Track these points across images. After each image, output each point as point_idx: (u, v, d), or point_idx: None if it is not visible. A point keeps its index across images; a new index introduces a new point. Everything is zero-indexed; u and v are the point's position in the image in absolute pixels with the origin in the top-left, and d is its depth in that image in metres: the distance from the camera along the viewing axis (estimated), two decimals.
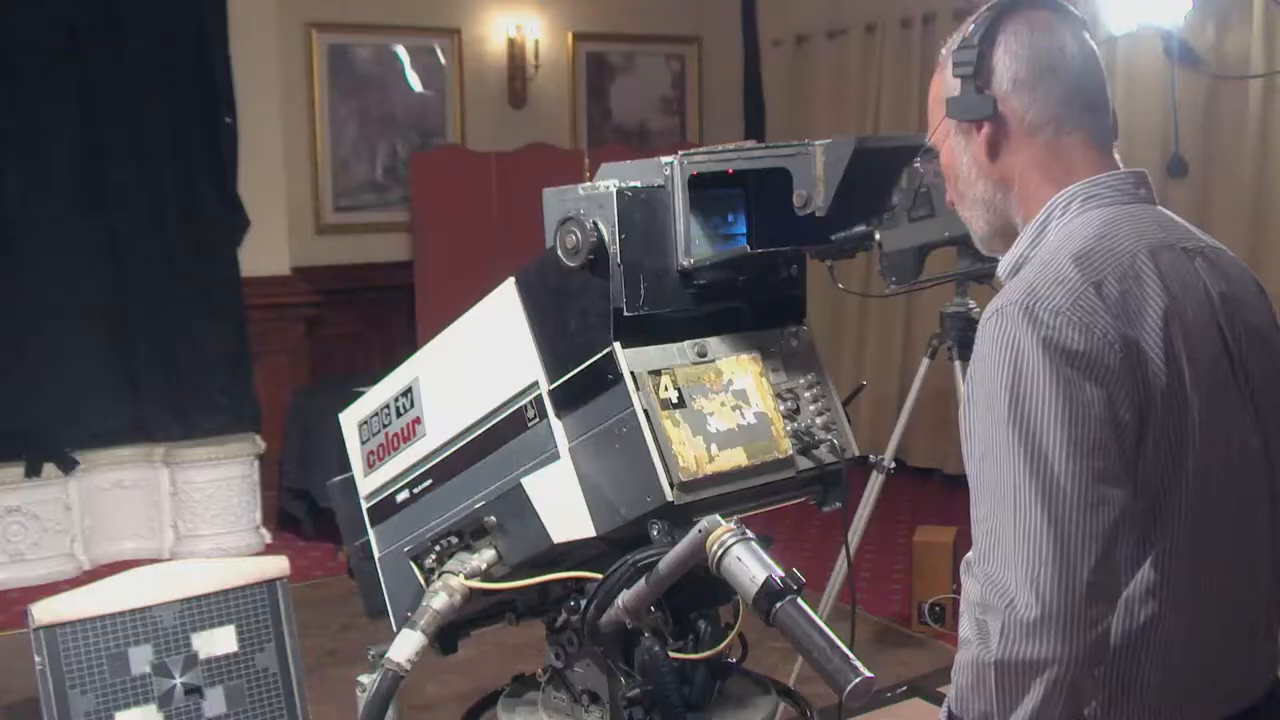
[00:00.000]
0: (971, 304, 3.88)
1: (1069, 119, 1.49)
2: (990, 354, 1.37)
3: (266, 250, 6.21)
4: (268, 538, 6.03)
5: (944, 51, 1.55)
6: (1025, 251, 1.50)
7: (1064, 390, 1.32)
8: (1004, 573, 1.31)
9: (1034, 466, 1.31)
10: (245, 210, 6.11)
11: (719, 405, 1.77)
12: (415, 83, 7.05)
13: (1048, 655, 1.28)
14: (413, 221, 6.90)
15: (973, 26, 1.51)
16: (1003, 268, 1.53)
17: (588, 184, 1.76)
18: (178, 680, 2.27)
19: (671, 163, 1.75)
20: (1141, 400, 1.35)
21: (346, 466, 2.14)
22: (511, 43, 7.24)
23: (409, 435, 2.00)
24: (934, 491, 6.53)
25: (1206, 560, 1.42)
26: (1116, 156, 1.54)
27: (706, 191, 1.80)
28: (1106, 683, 1.41)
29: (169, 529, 5.87)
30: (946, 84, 1.53)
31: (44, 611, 2.20)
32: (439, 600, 1.84)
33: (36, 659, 2.18)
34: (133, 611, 2.26)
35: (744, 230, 1.89)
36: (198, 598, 2.31)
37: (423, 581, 1.94)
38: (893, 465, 3.95)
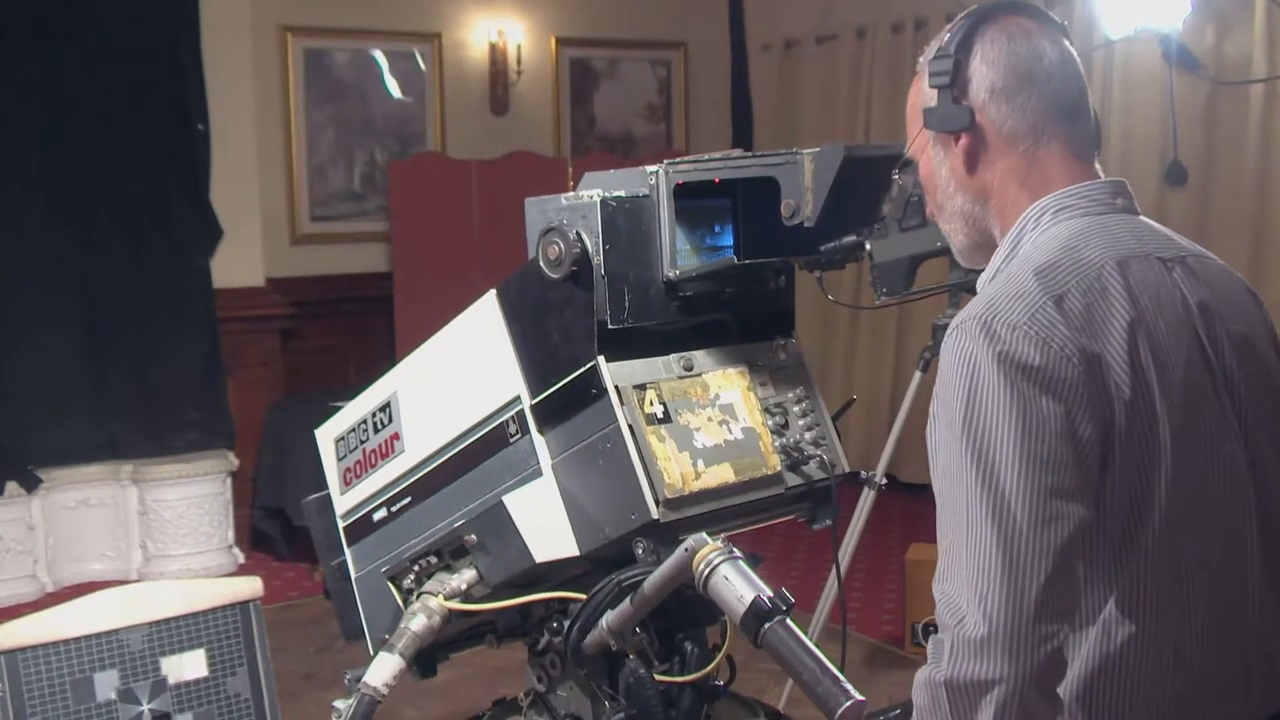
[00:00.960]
0: None
1: (1048, 128, 1.49)
2: (949, 370, 1.38)
3: (240, 261, 6.20)
4: (240, 558, 6.01)
5: (921, 60, 1.56)
6: (1001, 265, 1.50)
7: (1018, 405, 1.33)
8: (958, 591, 1.33)
9: (985, 483, 1.32)
10: (218, 220, 6.10)
11: (706, 420, 1.77)
12: (394, 89, 7.06)
13: (994, 674, 1.29)
14: (391, 231, 6.90)
15: (948, 35, 1.52)
16: (982, 281, 1.54)
17: (571, 193, 1.77)
18: (145, 707, 2.26)
19: (656, 172, 1.76)
20: (1104, 415, 1.36)
21: (322, 484, 2.14)
22: (493, 48, 7.25)
23: (387, 452, 2.00)
24: (927, 508, 6.50)
25: (1187, 581, 1.42)
26: (1097, 166, 1.54)
27: (692, 201, 1.81)
28: (1084, 708, 1.41)
29: (137, 549, 5.85)
30: (923, 94, 1.54)
31: (4, 636, 2.19)
32: (417, 622, 1.84)
33: None
34: (98, 635, 2.24)
35: (731, 241, 1.89)
36: (166, 620, 2.30)
37: (401, 603, 1.94)
38: (884, 481, 3.96)
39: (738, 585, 1.55)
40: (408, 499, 1.97)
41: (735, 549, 1.59)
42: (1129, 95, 5.80)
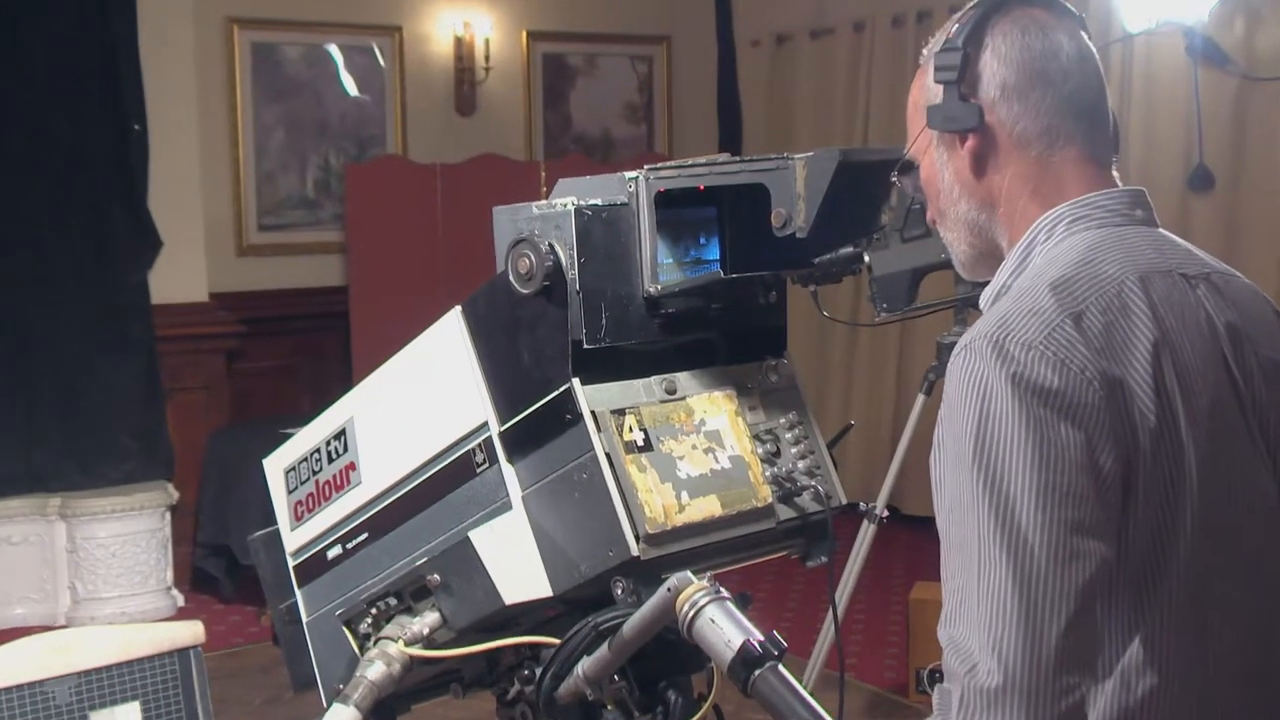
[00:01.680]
0: None
1: (1063, 131, 1.50)
2: (957, 394, 1.37)
3: (181, 274, 6.19)
4: (180, 600, 5.98)
5: (925, 53, 1.56)
6: (1007, 280, 1.50)
7: (1035, 432, 1.32)
8: (968, 636, 1.31)
9: (1000, 516, 1.31)
10: (157, 229, 6.09)
11: (690, 448, 1.78)
12: (350, 86, 7.07)
13: None
14: (347, 242, 6.90)
15: (956, 26, 1.52)
16: (985, 297, 1.54)
17: (543, 201, 1.77)
18: None
19: (636, 178, 1.76)
20: (1127, 445, 1.35)
21: (271, 519, 2.13)
22: (459, 42, 7.27)
23: (342, 483, 1.99)
24: (932, 543, 6.52)
25: (1214, 626, 1.42)
26: (1115, 174, 1.55)
27: (675, 210, 1.81)
28: None
29: (65, 591, 5.81)
30: (927, 90, 1.54)
31: None
32: (375, 670, 1.83)
33: None
34: (20, 687, 2.23)
35: (717, 254, 1.90)
36: (97, 670, 2.29)
37: (357, 649, 1.93)
38: (885, 514, 3.96)
39: (725, 628, 1.55)
40: (365, 535, 1.96)
41: (722, 589, 1.59)
42: (1150, 94, 5.84)
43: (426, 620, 1.85)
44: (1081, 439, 1.33)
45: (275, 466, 2.12)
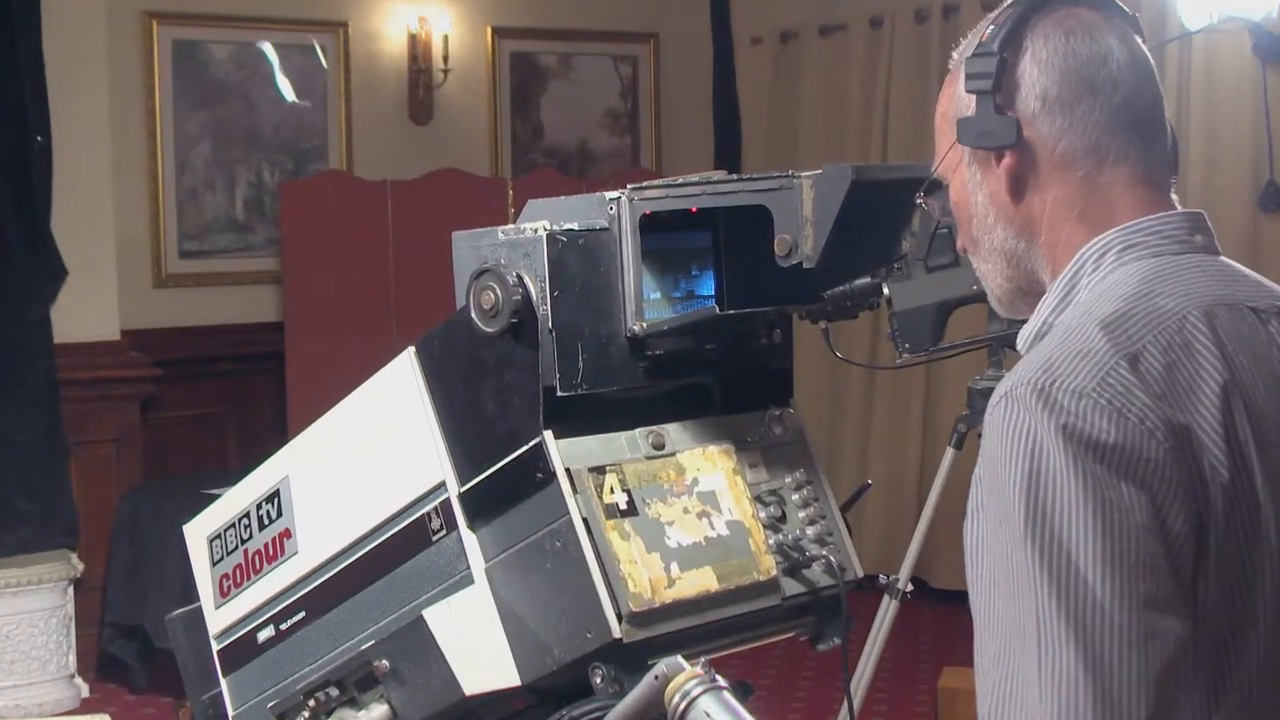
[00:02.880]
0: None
1: (1113, 148, 1.51)
2: (1000, 450, 1.37)
3: (89, 308, 6.18)
4: (85, 691, 5.94)
5: (955, 56, 1.57)
6: (1049, 316, 1.51)
7: (1095, 494, 1.32)
8: None
9: (1062, 593, 1.31)
10: (61, 256, 6.08)
11: (680, 512, 1.78)
12: (287, 90, 7.09)
13: None
14: (283, 271, 6.90)
15: (992, 28, 1.52)
16: (1023, 336, 1.55)
17: (511, 226, 1.78)
18: None
19: (618, 199, 1.77)
20: (1197, 503, 1.36)
21: (193, 596, 2.12)
22: (413, 40, 7.30)
23: (275, 554, 1.99)
24: (964, 622, 6.52)
25: None
26: (1174, 196, 1.56)
27: (664, 236, 1.82)
28: None
29: None
30: (958, 100, 1.55)
31: None
32: None
33: None
34: None
35: (712, 287, 1.90)
36: None
37: None
38: (909, 588, 3.96)
39: None
40: (301, 614, 1.96)
41: (719, 676, 1.59)
42: (1212, 100, 5.87)
43: (373, 714, 1.85)
44: (1145, 500, 1.33)
45: (197, 533, 2.12)
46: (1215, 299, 1.47)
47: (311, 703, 1.91)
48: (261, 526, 2.01)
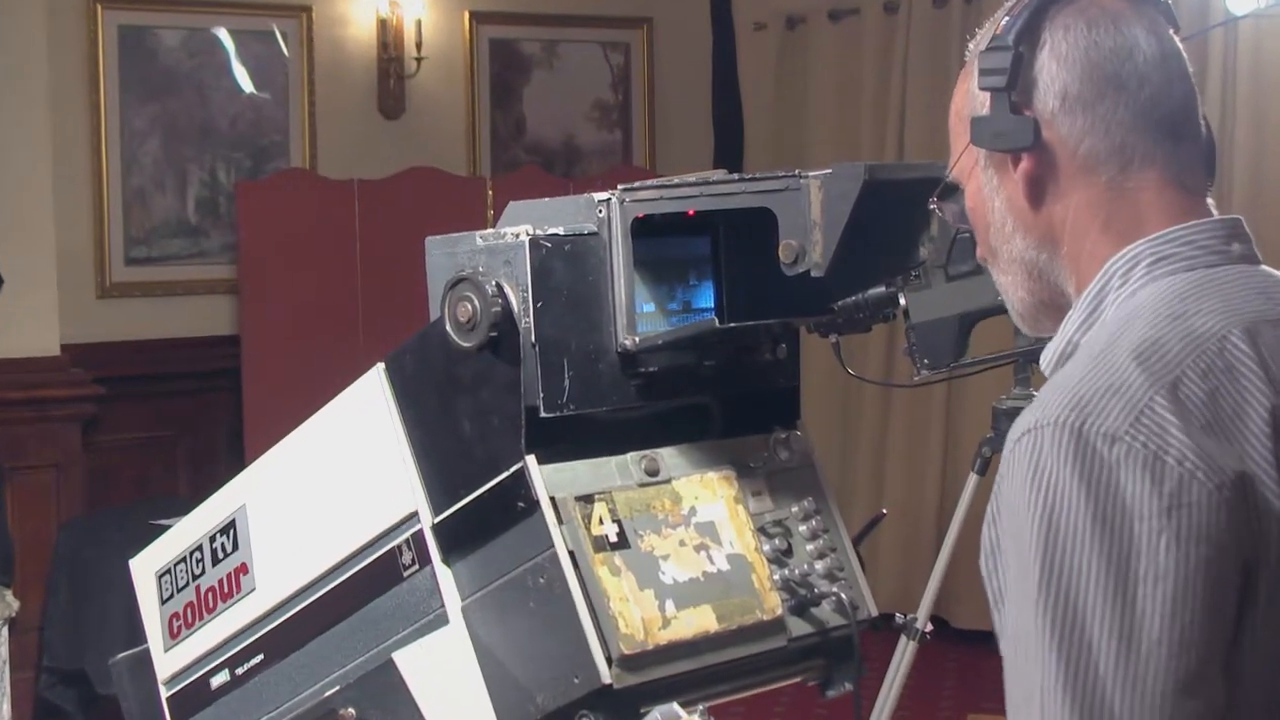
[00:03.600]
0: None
1: (1140, 149, 1.51)
2: (1018, 497, 1.37)
3: (25, 320, 6.17)
4: None
5: (970, 49, 1.58)
6: (1074, 335, 1.52)
7: (1120, 559, 1.32)
8: None
9: (1070, 679, 1.31)
10: None
11: (677, 545, 1.78)
12: (245, 81, 7.09)
13: None
14: (239, 280, 6.90)
15: (1007, 19, 1.53)
16: (1047, 357, 1.55)
17: (490, 230, 1.78)
18: None
19: (608, 201, 1.78)
20: (1245, 547, 1.35)
21: (140, 637, 2.12)
22: (383, 25, 7.31)
23: (231, 590, 1.99)
24: (990, 665, 6.52)
25: None
26: (1210, 201, 1.56)
27: (659, 242, 1.83)
28: None
29: None
30: (972, 97, 1.56)
31: None
32: None
33: None
34: None
35: (711, 297, 1.91)
36: None
37: None
38: (929, 628, 3.96)
39: None
40: (260, 657, 1.96)
41: None
42: (1259, 93, 5.89)
43: None
44: (1181, 557, 1.32)
45: (145, 568, 2.11)
46: (1258, 315, 1.47)
47: None
48: (215, 561, 2.01)
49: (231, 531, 1.99)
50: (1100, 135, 1.51)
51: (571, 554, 1.69)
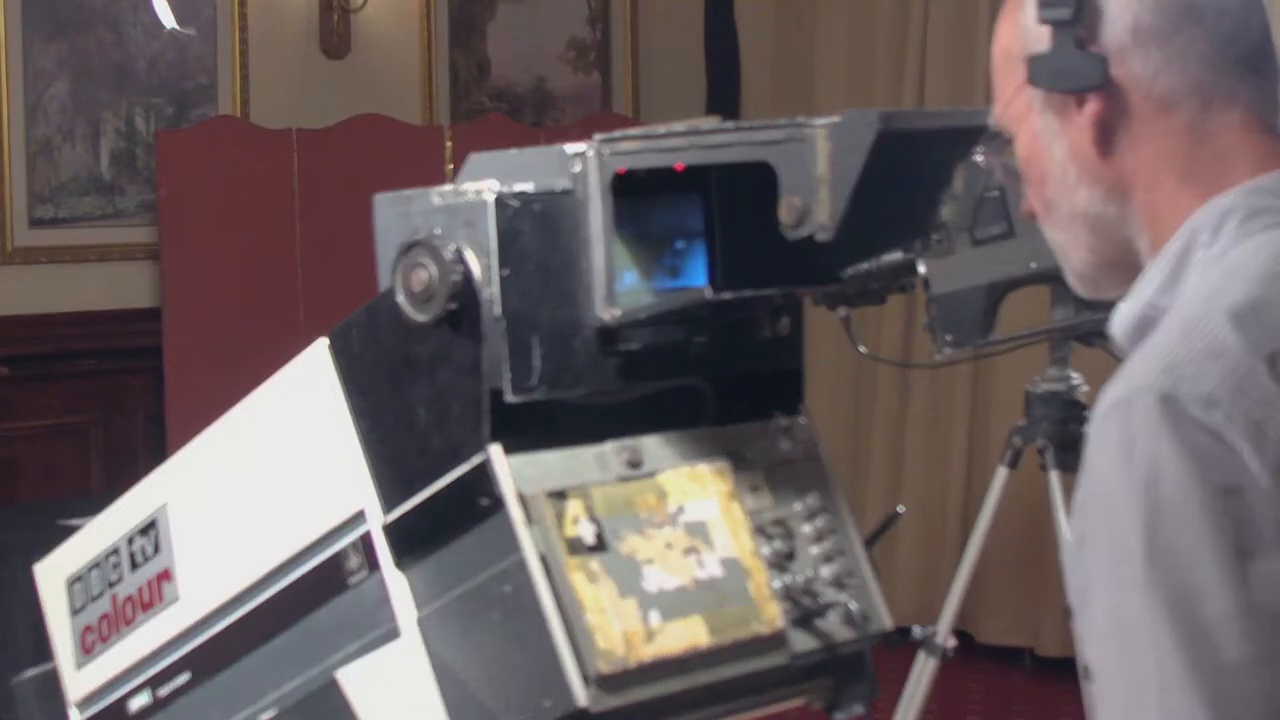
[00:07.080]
0: (1075, 379, 3.93)
1: (1220, 88, 1.52)
2: (1110, 475, 1.39)
3: None
4: None
5: None
6: (1156, 298, 1.53)
7: (1230, 530, 1.35)
8: None
9: (1191, 653, 1.33)
10: None
11: (663, 548, 1.78)
12: (166, 16, 7.07)
13: None
14: (161, 244, 6.89)
15: None
16: (1120, 325, 1.57)
17: (448, 186, 1.78)
18: None
19: (584, 153, 1.77)
20: None
21: (47, 653, 2.12)
22: None
23: (152, 600, 1.99)
24: (1020, 684, 6.55)
25: None
26: None
27: (643, 200, 1.83)
28: None
29: None
30: (1024, 32, 1.57)
31: None
32: None
33: None
34: None
35: (702, 264, 1.91)
36: None
37: None
38: (952, 643, 3.97)
39: None
40: (186, 676, 1.96)
41: None
42: None
43: None
44: None
45: (53, 575, 2.12)
46: None
47: None
48: (134, 566, 2.01)
49: (152, 533, 1.99)
50: (1177, 72, 1.52)
51: (542, 558, 1.70)
